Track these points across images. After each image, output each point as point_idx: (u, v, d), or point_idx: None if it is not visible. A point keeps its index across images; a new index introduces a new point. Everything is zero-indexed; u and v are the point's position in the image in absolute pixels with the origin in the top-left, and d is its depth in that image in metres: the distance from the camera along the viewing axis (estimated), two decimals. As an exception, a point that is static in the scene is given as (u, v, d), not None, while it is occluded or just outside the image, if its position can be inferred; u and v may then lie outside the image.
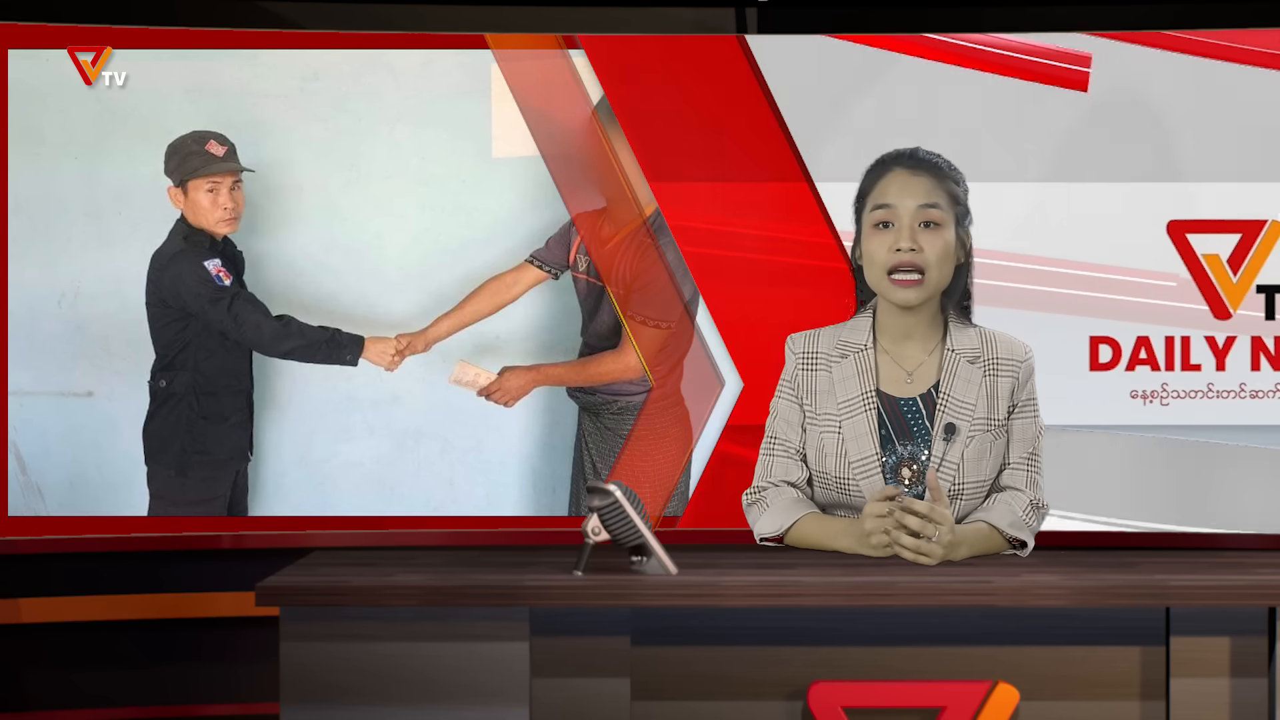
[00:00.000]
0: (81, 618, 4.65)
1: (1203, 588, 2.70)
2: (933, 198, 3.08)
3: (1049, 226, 4.53)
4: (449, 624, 2.68)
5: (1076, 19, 4.59)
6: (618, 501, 2.75)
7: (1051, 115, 4.52)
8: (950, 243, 3.09)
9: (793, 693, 2.71)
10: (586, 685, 2.70)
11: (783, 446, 3.15)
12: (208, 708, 4.73)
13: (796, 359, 3.16)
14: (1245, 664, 2.70)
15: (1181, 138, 4.51)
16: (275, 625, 2.71)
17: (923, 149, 3.15)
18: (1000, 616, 2.71)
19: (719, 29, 4.70)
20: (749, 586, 2.69)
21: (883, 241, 3.08)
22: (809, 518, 3.07)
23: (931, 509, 2.90)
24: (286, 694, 2.69)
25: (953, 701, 2.69)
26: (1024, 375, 3.13)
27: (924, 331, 3.13)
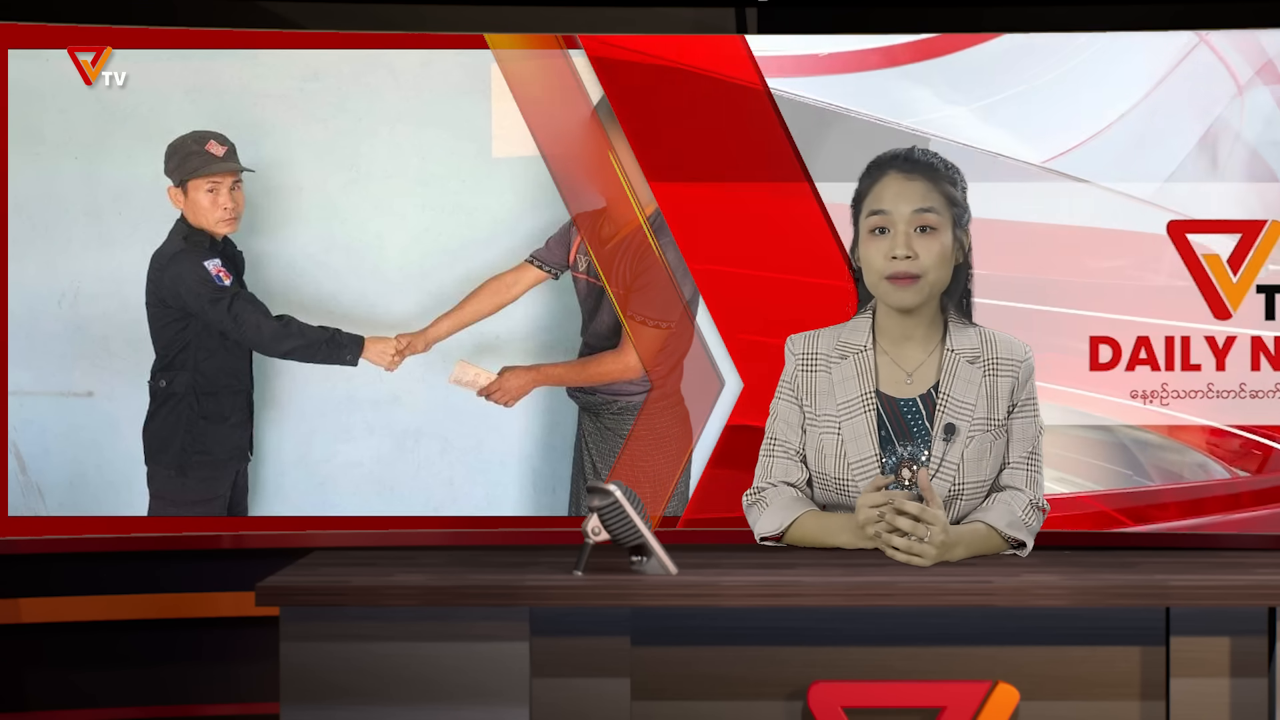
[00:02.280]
0: (81, 618, 4.65)
1: (1203, 588, 2.70)
2: (928, 201, 3.07)
3: (1049, 227, 4.53)
4: (449, 624, 2.68)
5: (1077, 19, 4.60)
6: (618, 501, 2.75)
7: (1052, 115, 4.53)
8: (947, 245, 3.08)
9: (793, 693, 2.71)
10: (586, 685, 2.70)
11: (782, 447, 3.15)
12: (208, 708, 4.73)
13: (796, 360, 3.16)
14: (1245, 664, 2.70)
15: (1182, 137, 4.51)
16: (275, 625, 2.71)
17: (919, 149, 3.13)
18: (1000, 616, 2.71)
19: (719, 29, 4.71)
20: (749, 586, 2.69)
21: (879, 248, 3.08)
22: (808, 515, 3.07)
23: (923, 510, 2.89)
24: (286, 694, 2.69)
25: (953, 701, 2.69)
26: (1024, 375, 3.13)
27: (923, 332, 3.13)
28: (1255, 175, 4.51)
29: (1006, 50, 4.55)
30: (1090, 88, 4.53)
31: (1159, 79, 4.52)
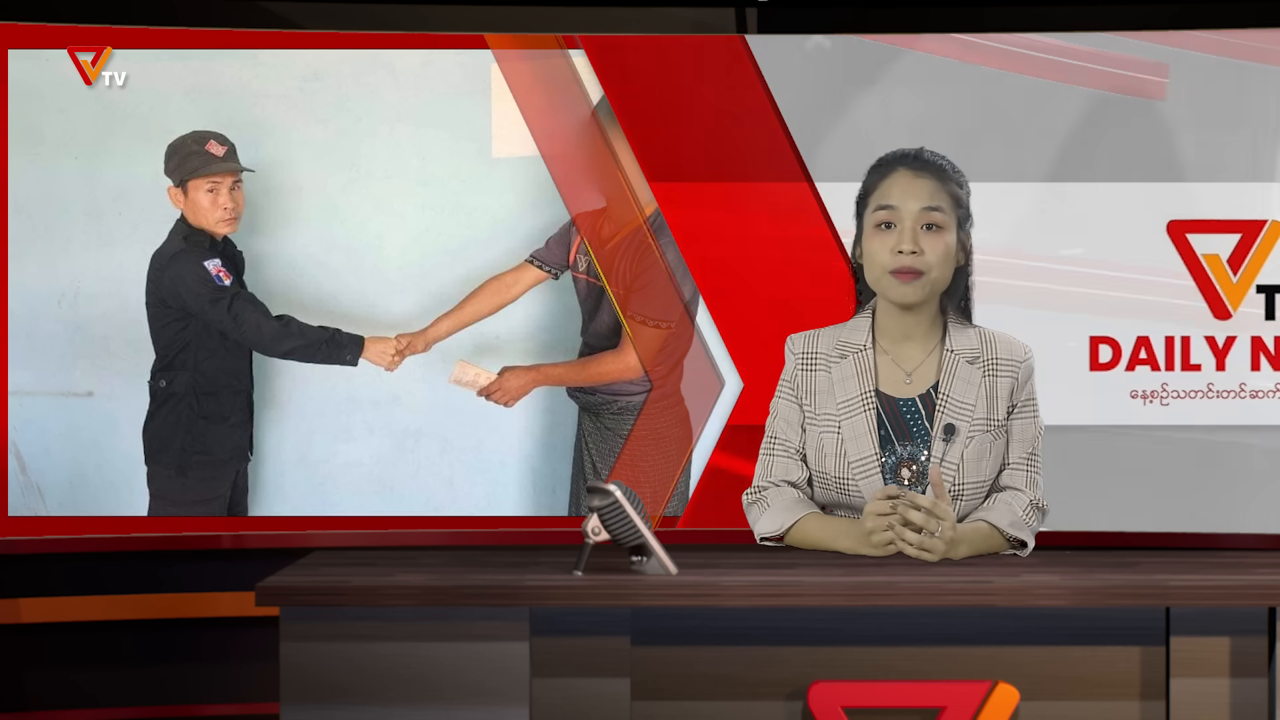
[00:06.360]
0: (81, 618, 4.65)
1: (1203, 588, 2.70)
2: (935, 200, 3.08)
3: (1049, 227, 4.53)
4: (449, 624, 2.68)
5: (1077, 19, 4.60)
6: (618, 501, 2.75)
7: (1052, 115, 4.52)
8: (951, 245, 3.09)
9: (793, 693, 2.71)
10: (586, 685, 2.70)
11: (783, 446, 3.15)
12: (208, 708, 4.73)
13: (796, 359, 3.16)
14: (1245, 664, 2.70)
15: (1182, 137, 4.51)
16: (275, 625, 2.71)
17: (927, 150, 3.14)
18: (1000, 616, 2.71)
19: (719, 29, 4.71)
20: (749, 586, 2.69)
21: (884, 242, 3.08)
22: (810, 518, 3.07)
23: (934, 504, 2.91)
24: (286, 694, 2.69)
25: (953, 701, 2.69)
26: (1023, 375, 3.13)
27: (923, 332, 3.13)
28: (1255, 175, 4.51)
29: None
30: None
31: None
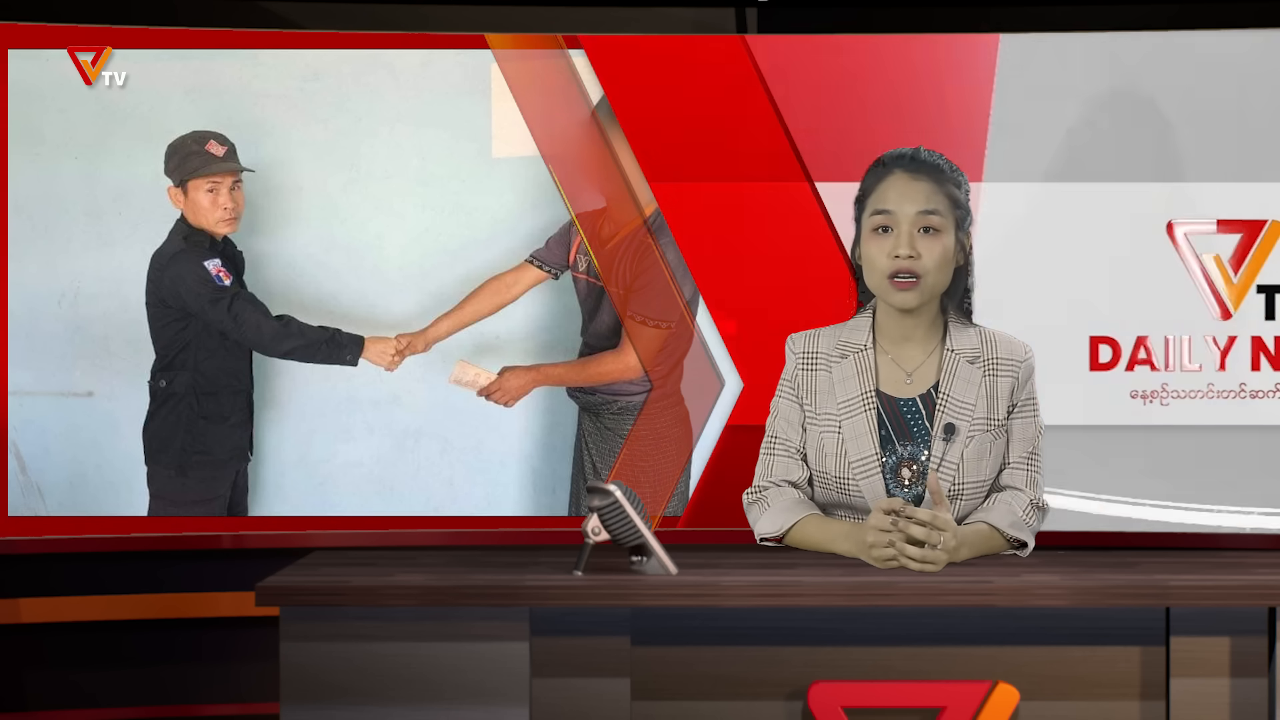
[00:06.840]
0: (81, 618, 4.65)
1: (1203, 588, 2.71)
2: (932, 203, 3.08)
3: (1049, 227, 4.52)
4: (449, 624, 2.68)
5: (1077, 19, 4.60)
6: (618, 501, 2.75)
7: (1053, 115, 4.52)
8: (949, 247, 3.09)
9: (793, 693, 2.71)
10: (586, 685, 2.70)
11: (783, 446, 3.15)
12: (208, 708, 4.73)
13: (796, 359, 3.16)
14: (1245, 664, 2.70)
15: (1182, 137, 4.51)
16: (275, 625, 2.71)
17: (924, 150, 3.13)
18: (1000, 616, 2.71)
19: (719, 29, 4.71)
20: (749, 586, 2.69)
21: (881, 247, 3.08)
22: (810, 519, 3.07)
23: (934, 516, 2.89)
24: (286, 694, 2.69)
25: (953, 701, 2.69)
26: (1023, 375, 3.13)
27: (924, 333, 3.13)
28: (1255, 175, 4.51)
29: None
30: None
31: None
